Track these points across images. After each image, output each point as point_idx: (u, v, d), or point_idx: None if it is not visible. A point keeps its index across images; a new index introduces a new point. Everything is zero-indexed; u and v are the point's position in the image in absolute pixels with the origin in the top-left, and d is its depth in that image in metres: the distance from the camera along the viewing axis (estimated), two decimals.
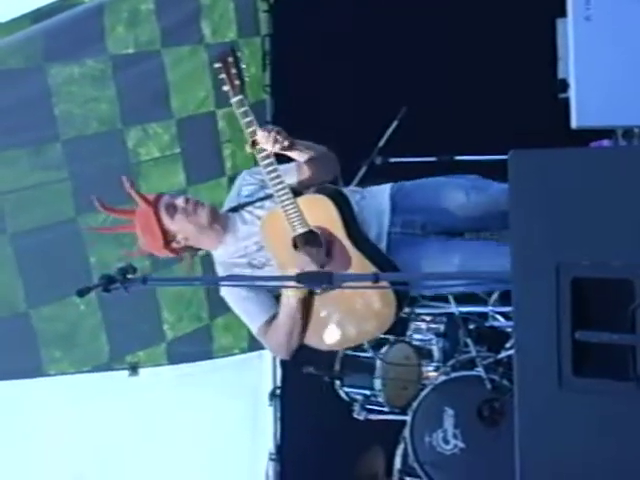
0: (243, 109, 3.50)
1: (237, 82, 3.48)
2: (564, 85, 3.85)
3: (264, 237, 3.70)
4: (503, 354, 4.81)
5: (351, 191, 3.88)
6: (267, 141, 3.48)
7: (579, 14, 3.64)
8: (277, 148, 3.52)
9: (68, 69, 4.83)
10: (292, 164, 3.80)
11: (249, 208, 3.82)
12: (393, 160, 5.16)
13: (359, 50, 5.52)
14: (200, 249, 3.93)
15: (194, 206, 3.74)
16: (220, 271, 3.83)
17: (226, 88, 3.49)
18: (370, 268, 3.49)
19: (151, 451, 5.35)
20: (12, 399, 4.78)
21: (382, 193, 3.88)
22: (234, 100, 3.50)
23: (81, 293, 2.76)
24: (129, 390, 5.31)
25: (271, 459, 6.04)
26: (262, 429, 6.07)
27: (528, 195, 2.35)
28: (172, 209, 3.72)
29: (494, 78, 5.21)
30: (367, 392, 5.06)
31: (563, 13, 3.78)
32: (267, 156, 3.51)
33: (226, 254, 3.82)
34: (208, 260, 4.02)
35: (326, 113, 5.43)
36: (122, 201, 5.08)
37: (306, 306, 3.66)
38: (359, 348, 5.12)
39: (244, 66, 3.52)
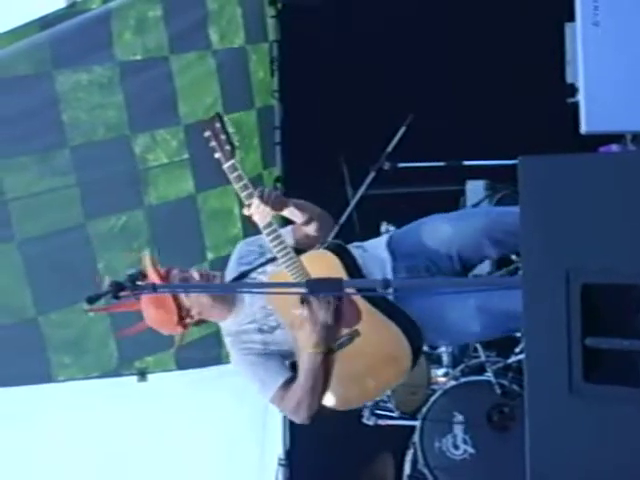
0: (236, 174, 3.47)
1: (227, 147, 3.46)
2: (573, 89, 3.85)
3: (271, 300, 3.63)
4: (512, 359, 4.80)
5: (353, 246, 3.81)
6: (263, 203, 3.45)
7: (587, 19, 3.64)
8: (270, 208, 3.48)
9: (76, 76, 4.83)
10: (288, 227, 3.80)
11: (252, 275, 3.75)
12: (402, 165, 5.16)
13: (367, 55, 5.52)
14: (209, 321, 3.87)
15: (207, 278, 3.67)
16: (229, 341, 3.79)
17: (217, 155, 3.47)
18: (381, 319, 3.48)
19: (160, 457, 5.35)
20: (21, 405, 4.78)
21: (380, 244, 3.83)
22: (226, 166, 3.46)
23: (91, 300, 2.76)
24: (138, 396, 5.31)
25: (280, 464, 6.04)
26: (271, 434, 6.06)
27: (538, 201, 2.34)
28: (183, 282, 3.66)
29: (503, 83, 5.21)
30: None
31: (571, 17, 3.78)
32: (265, 216, 3.48)
33: (234, 324, 3.76)
34: None
35: (334, 118, 5.43)
36: (128, 207, 5.13)
37: (327, 366, 3.55)
38: None
39: (232, 130, 3.49)
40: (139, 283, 2.81)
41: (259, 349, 3.69)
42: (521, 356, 4.66)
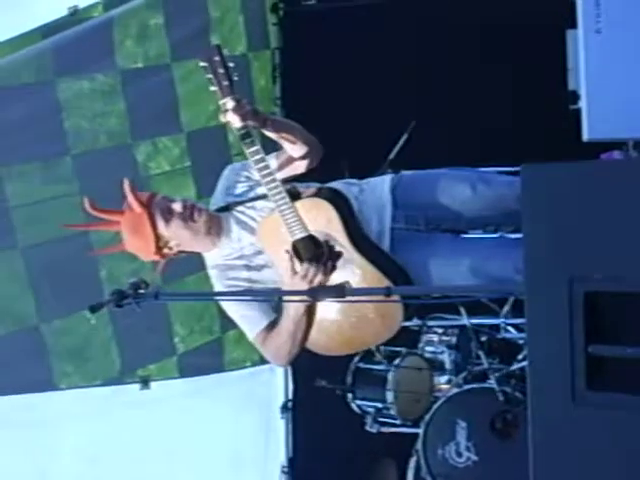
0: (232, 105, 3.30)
1: (225, 83, 3.29)
2: (575, 97, 3.85)
3: (262, 242, 3.56)
4: (515, 366, 4.80)
5: (349, 184, 3.74)
6: (237, 109, 3.29)
7: (589, 27, 3.65)
8: (250, 121, 3.34)
9: (78, 84, 4.84)
10: (272, 154, 3.67)
11: (240, 208, 3.67)
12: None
13: (369, 62, 5.51)
14: (192, 252, 3.73)
15: (191, 212, 3.55)
16: (214, 274, 3.66)
17: (214, 89, 3.32)
18: (375, 274, 3.40)
19: (163, 464, 5.34)
20: (24, 413, 4.78)
21: (381, 186, 3.73)
22: (222, 102, 3.32)
23: (93, 309, 2.75)
24: (140, 403, 5.31)
25: (283, 472, 6.04)
26: (274, 442, 6.06)
27: (540, 208, 2.34)
28: (168, 214, 3.53)
29: (505, 90, 5.21)
30: (379, 405, 5.06)
31: (573, 25, 3.78)
32: (262, 159, 3.38)
33: (220, 257, 3.66)
34: None
35: (336, 126, 5.41)
36: None
37: (310, 313, 3.53)
38: (371, 361, 5.12)
39: (232, 64, 3.32)
40: (141, 291, 2.80)
41: (245, 286, 3.61)
42: (524, 363, 4.66)
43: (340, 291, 2.70)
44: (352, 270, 3.44)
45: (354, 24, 5.61)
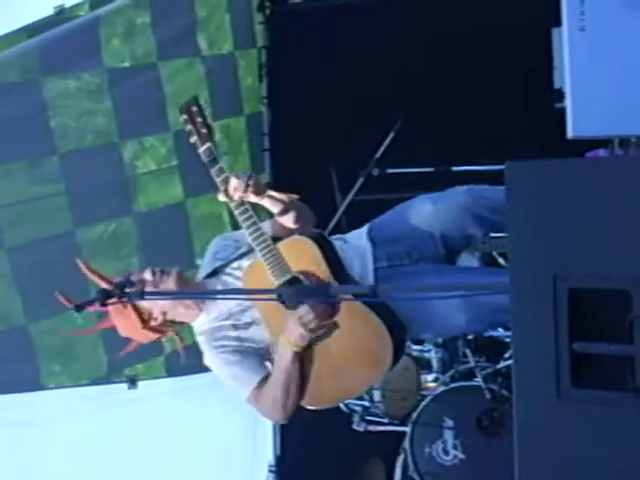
0: (212, 157, 3.37)
1: (204, 130, 3.37)
2: (560, 95, 3.86)
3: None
4: (502, 364, 4.82)
5: (333, 238, 3.69)
6: (240, 187, 3.32)
7: (574, 25, 3.65)
8: (250, 194, 3.35)
9: (64, 83, 4.84)
10: (266, 221, 3.65)
11: (227, 270, 3.63)
12: (390, 171, 5.17)
13: (355, 61, 5.52)
14: (182, 323, 3.72)
15: (160, 276, 3.48)
16: (202, 341, 3.63)
17: (194, 139, 3.39)
18: (361, 311, 3.32)
19: (150, 464, 5.34)
20: (11, 412, 4.77)
21: (360, 234, 3.70)
22: (201, 150, 3.37)
23: (79, 308, 2.75)
24: (128, 403, 5.30)
25: (270, 471, 6.04)
26: (262, 441, 6.06)
27: (525, 206, 2.34)
28: (140, 285, 3.39)
29: (490, 88, 5.22)
30: (366, 403, 5.07)
31: (558, 23, 3.79)
32: (242, 203, 3.36)
33: (208, 321, 3.61)
34: None
35: (323, 124, 5.43)
36: (117, 214, 5.12)
37: (302, 362, 3.42)
38: None
39: (207, 113, 3.42)
40: (127, 290, 2.80)
41: (234, 346, 3.54)
42: (510, 361, 4.67)
43: (324, 289, 2.69)
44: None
45: (340, 23, 5.61)
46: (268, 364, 3.55)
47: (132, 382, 5.37)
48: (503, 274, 3.56)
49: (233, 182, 3.33)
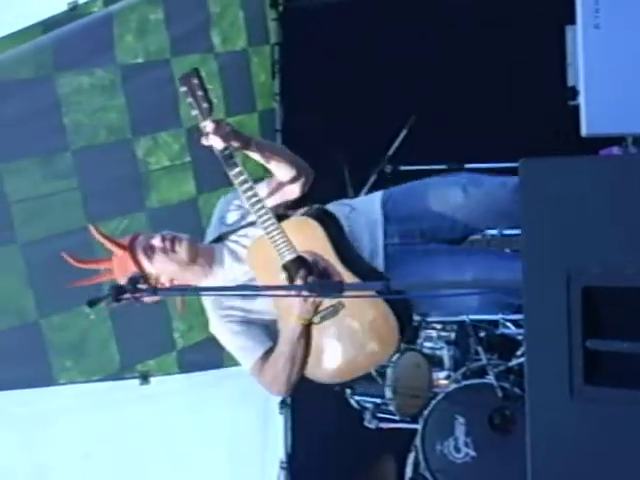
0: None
1: (205, 105, 3.31)
2: (574, 92, 3.85)
3: (252, 267, 3.51)
4: (514, 362, 4.81)
5: (340, 205, 3.68)
6: (219, 131, 3.29)
7: (588, 22, 3.65)
8: (232, 140, 3.33)
9: (78, 79, 4.84)
10: (262, 182, 3.62)
11: (233, 237, 3.64)
12: (403, 168, 5.16)
13: (368, 58, 5.52)
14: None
15: (171, 244, 3.51)
16: (209, 306, 3.64)
17: (195, 113, 3.33)
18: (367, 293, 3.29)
19: (162, 460, 5.34)
20: (23, 408, 4.78)
21: (372, 203, 3.68)
22: (203, 125, 3.32)
23: (91, 304, 2.75)
24: (140, 399, 5.31)
25: (282, 468, 6.04)
26: (273, 438, 6.06)
27: (539, 203, 2.34)
28: (150, 251, 3.50)
29: (504, 85, 5.21)
30: (378, 400, 5.07)
31: (572, 20, 3.78)
32: (245, 180, 3.35)
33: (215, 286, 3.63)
34: None
35: (335, 121, 5.43)
36: (130, 210, 5.13)
37: (306, 336, 3.44)
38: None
39: (210, 87, 3.35)
40: (140, 286, 2.80)
41: (240, 316, 3.56)
42: (522, 359, 4.66)
43: (338, 287, 2.69)
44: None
45: (353, 19, 5.61)
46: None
47: (144, 378, 5.38)
48: (517, 258, 3.54)
49: (211, 127, 3.29)
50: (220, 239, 3.68)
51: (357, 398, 5.13)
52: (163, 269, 3.53)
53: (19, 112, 4.66)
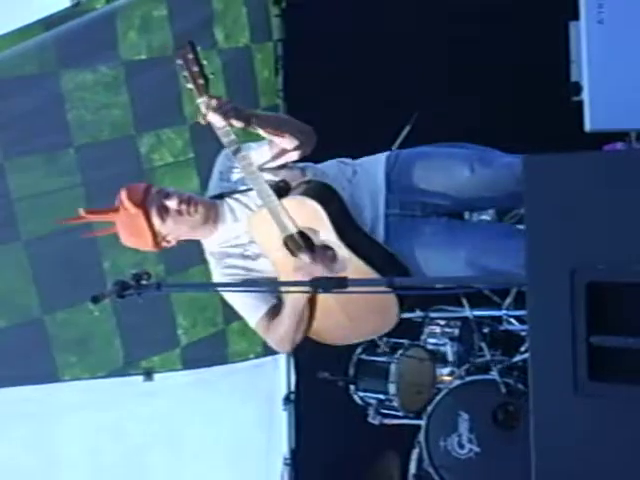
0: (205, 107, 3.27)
1: (200, 81, 3.26)
2: (577, 88, 3.85)
3: (253, 236, 3.54)
4: (518, 358, 4.80)
5: (343, 164, 3.70)
6: (219, 108, 3.26)
7: (592, 17, 3.64)
8: (232, 119, 3.29)
9: (81, 75, 4.84)
10: (264, 144, 3.61)
11: (235, 195, 3.63)
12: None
13: (372, 54, 5.51)
14: (188, 240, 3.73)
15: (188, 206, 3.52)
16: (212, 261, 3.67)
17: (190, 86, 3.28)
18: (367, 270, 3.35)
19: (165, 456, 5.36)
20: (27, 404, 4.79)
21: (376, 167, 3.67)
22: (200, 101, 3.28)
23: (95, 300, 2.76)
24: (144, 395, 5.31)
25: (286, 464, 6.04)
26: (277, 434, 6.07)
27: (543, 199, 2.34)
28: (164, 211, 3.51)
29: (507, 81, 5.20)
30: (382, 396, 5.06)
31: (576, 16, 3.78)
32: (245, 157, 3.36)
33: (216, 244, 3.67)
34: None
35: (339, 117, 5.42)
36: None
37: (312, 303, 3.54)
38: (373, 352, 5.11)
39: (205, 62, 3.29)
40: (144, 282, 2.80)
41: (242, 274, 3.59)
42: (526, 355, 4.66)
43: (342, 282, 2.70)
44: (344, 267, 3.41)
45: (356, 16, 5.60)
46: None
47: (148, 374, 5.39)
48: (518, 235, 3.51)
49: (212, 104, 3.26)
50: (222, 196, 3.67)
51: (361, 394, 5.13)
52: (174, 229, 3.55)
53: (22, 109, 4.66)
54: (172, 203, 3.52)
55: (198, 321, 5.52)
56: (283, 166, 3.63)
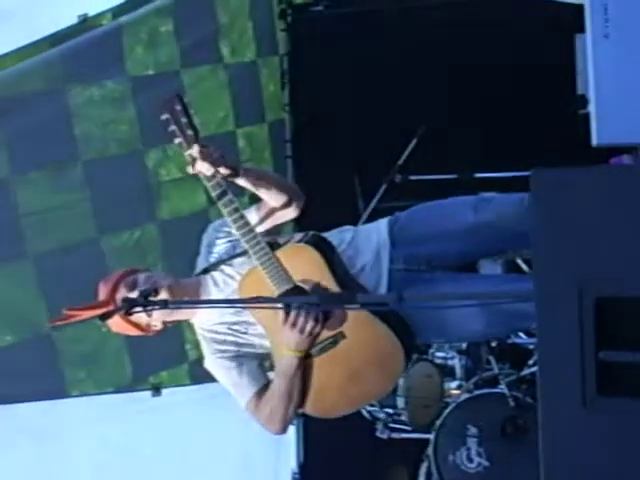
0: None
1: (189, 132, 3.15)
2: (584, 101, 3.85)
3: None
4: (526, 371, 4.80)
5: (343, 231, 3.55)
6: (207, 157, 3.15)
7: (598, 31, 3.65)
8: (221, 167, 3.19)
9: (88, 91, 4.85)
10: (252, 207, 3.50)
11: (220, 267, 3.50)
12: (413, 178, 5.16)
13: (377, 67, 5.53)
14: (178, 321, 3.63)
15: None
16: (203, 342, 3.56)
17: (178, 141, 3.19)
18: (369, 319, 3.20)
19: (174, 472, 5.34)
20: (35, 420, 4.79)
21: (378, 228, 3.54)
22: (187, 153, 3.17)
23: (103, 317, 2.76)
24: (152, 410, 5.31)
25: (294, 478, 6.04)
26: (285, 448, 6.05)
27: (550, 213, 2.34)
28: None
29: (514, 94, 5.21)
30: (390, 411, 5.06)
31: (582, 29, 3.78)
32: (235, 209, 3.22)
33: (205, 321, 3.53)
34: None
35: (345, 131, 5.44)
36: (141, 221, 5.13)
37: (303, 370, 3.31)
38: None
39: (193, 112, 3.18)
40: (151, 299, 2.80)
41: (233, 351, 3.46)
42: (534, 368, 4.66)
43: (350, 298, 2.68)
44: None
45: (361, 30, 5.62)
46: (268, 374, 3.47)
47: (156, 390, 5.38)
48: (524, 280, 3.53)
49: (196, 150, 3.15)
50: (207, 270, 3.56)
51: (369, 408, 5.13)
52: (152, 319, 3.41)
53: (30, 124, 4.66)
54: (135, 294, 3.25)
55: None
56: (273, 231, 3.52)
